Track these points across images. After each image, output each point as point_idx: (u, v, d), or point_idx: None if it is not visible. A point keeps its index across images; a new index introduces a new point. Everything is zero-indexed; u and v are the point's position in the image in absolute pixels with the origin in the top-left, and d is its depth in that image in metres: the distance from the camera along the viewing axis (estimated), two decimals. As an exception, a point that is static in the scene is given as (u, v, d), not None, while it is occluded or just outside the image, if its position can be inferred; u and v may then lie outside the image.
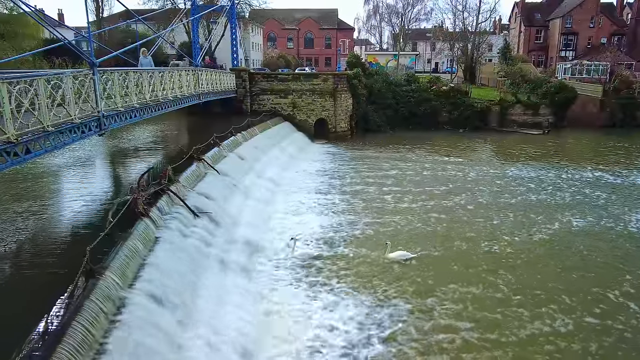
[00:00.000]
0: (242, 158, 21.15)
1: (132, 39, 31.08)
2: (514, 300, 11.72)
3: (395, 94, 40.52)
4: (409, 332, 10.23)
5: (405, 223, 17.09)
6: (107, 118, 13.67)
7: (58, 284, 8.00)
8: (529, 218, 17.92)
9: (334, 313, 10.92)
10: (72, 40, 15.97)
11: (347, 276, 12.84)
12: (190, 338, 8.82)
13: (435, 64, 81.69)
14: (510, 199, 20.53)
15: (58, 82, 11.01)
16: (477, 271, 13.33)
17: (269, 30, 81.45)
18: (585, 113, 42.83)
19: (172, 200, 12.93)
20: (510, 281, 12.71)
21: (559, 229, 16.86)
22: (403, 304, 11.37)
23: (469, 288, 12.22)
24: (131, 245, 9.64)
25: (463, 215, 18.24)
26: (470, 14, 59.55)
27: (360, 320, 10.60)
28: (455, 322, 10.66)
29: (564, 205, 19.78)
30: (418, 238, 15.71)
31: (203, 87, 24.68)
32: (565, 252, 14.89)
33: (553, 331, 10.44)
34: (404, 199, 20.04)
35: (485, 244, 15.35)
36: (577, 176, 24.91)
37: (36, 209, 13.05)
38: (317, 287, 12.21)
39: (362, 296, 11.70)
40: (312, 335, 9.97)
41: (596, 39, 66.71)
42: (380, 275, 12.88)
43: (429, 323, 10.62)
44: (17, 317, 7.41)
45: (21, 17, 32.14)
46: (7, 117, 8.99)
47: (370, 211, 18.39)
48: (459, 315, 10.95)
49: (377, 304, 11.35)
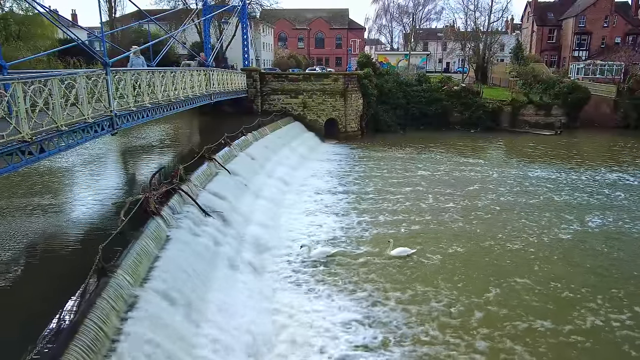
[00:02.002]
0: (252, 158, 21.22)
1: (145, 39, 31.35)
2: (550, 293, 11.97)
3: (406, 93, 40.37)
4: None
5: (424, 224, 17.02)
6: (120, 117, 13.79)
7: (71, 281, 8.08)
8: (559, 217, 17.88)
9: (343, 313, 10.91)
10: (86, 41, 16.11)
11: (358, 275, 12.83)
12: (200, 336, 8.86)
13: (446, 63, 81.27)
14: (531, 199, 20.42)
15: (71, 82, 11.15)
16: (514, 267, 13.56)
17: (280, 30, 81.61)
18: (598, 114, 42.35)
19: (183, 199, 13.02)
20: (545, 277, 12.94)
21: (584, 229, 16.80)
22: (436, 304, 11.45)
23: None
24: (143, 243, 9.71)
25: (489, 215, 18.28)
26: (482, 14, 58.95)
27: (371, 323, 10.56)
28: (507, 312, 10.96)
29: (587, 205, 19.65)
30: (438, 238, 15.74)
31: (214, 87, 24.81)
32: (594, 251, 14.91)
33: (582, 329, 10.49)
34: (421, 200, 19.92)
35: (515, 243, 15.42)
36: (598, 177, 24.70)
37: (49, 206, 13.21)
38: (327, 286, 12.20)
39: (373, 296, 11.68)
40: (322, 335, 9.96)
41: (610, 38, 65.90)
42: (411, 275, 12.96)
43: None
44: (30, 313, 7.51)
45: (36, 18, 32.55)
46: (22, 117, 9.11)
47: (384, 212, 18.26)
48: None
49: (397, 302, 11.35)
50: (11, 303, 8.31)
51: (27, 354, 6.03)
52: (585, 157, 30.61)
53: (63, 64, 29.15)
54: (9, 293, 8.70)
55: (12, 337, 6.85)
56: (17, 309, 7.85)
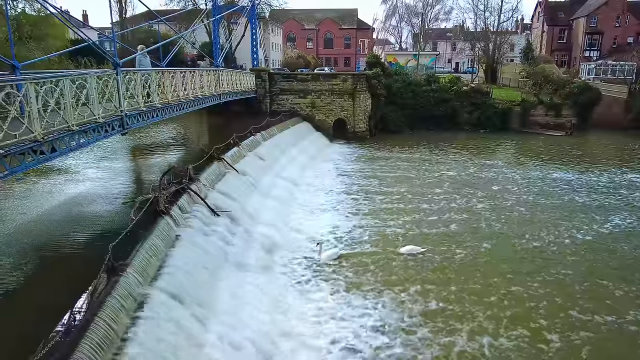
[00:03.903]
0: (261, 158, 21.28)
1: (154, 39, 31.54)
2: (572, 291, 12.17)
3: (415, 94, 40.21)
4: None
5: (440, 224, 17.00)
6: (130, 118, 13.90)
7: (81, 280, 8.17)
8: (591, 219, 17.83)
9: (353, 310, 10.93)
10: (97, 41, 16.26)
11: (367, 274, 12.82)
12: (209, 335, 8.90)
13: (455, 64, 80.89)
14: (554, 199, 20.41)
15: (83, 82, 11.25)
16: (539, 265, 13.72)
17: (289, 30, 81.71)
18: (609, 114, 41.89)
19: (192, 199, 13.09)
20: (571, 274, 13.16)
21: (606, 230, 16.80)
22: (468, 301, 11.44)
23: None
24: (152, 243, 9.78)
25: (515, 213, 18.37)
26: (492, 14, 58.59)
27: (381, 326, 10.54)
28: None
29: (611, 206, 19.56)
30: (479, 237, 15.82)
31: (224, 87, 24.90)
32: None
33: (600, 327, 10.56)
34: (434, 201, 19.79)
35: (542, 242, 15.50)
36: (617, 178, 24.55)
37: (61, 205, 13.35)
38: (337, 285, 12.19)
39: (384, 297, 11.67)
40: (332, 335, 9.98)
41: (622, 38, 65.13)
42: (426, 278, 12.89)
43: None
44: (43, 310, 7.62)
45: (47, 18, 32.85)
46: (35, 117, 9.21)
47: (394, 212, 18.20)
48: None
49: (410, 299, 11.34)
50: (24, 300, 8.44)
51: (39, 351, 6.10)
52: (600, 158, 30.30)
53: (74, 64, 29.43)
54: (22, 290, 8.84)
55: (25, 333, 6.96)
56: (30, 306, 7.97)
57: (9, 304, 8.47)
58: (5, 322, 7.63)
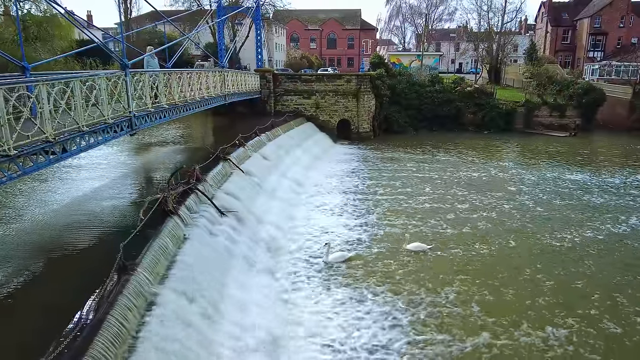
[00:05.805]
0: (266, 158, 21.39)
1: (158, 39, 31.72)
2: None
3: (419, 94, 40.24)
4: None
5: (446, 225, 17.02)
6: (138, 118, 14.03)
7: (93, 278, 8.29)
8: (614, 219, 18.01)
9: (360, 311, 10.99)
10: (103, 42, 16.36)
11: (372, 275, 12.89)
12: (218, 334, 9.01)
13: (459, 64, 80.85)
14: (568, 200, 20.51)
15: (92, 84, 11.37)
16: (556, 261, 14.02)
17: (292, 31, 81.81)
18: (614, 115, 41.88)
19: (199, 199, 13.21)
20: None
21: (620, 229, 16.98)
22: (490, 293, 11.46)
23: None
24: (161, 242, 9.89)
25: (529, 212, 18.58)
26: (496, 14, 58.58)
27: (386, 325, 10.61)
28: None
29: (620, 207, 19.72)
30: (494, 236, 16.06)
31: (229, 88, 25.02)
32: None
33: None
34: (443, 202, 19.83)
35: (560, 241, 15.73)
36: (629, 180, 24.61)
37: (70, 205, 13.48)
38: (343, 285, 12.26)
39: (389, 297, 11.75)
40: (336, 333, 10.06)
41: (626, 39, 65.02)
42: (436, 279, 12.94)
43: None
44: (55, 308, 7.74)
45: (53, 19, 32.97)
46: (46, 117, 9.34)
47: (399, 213, 18.25)
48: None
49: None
50: (36, 298, 8.56)
51: (53, 349, 6.21)
52: (608, 159, 30.33)
53: (79, 65, 29.59)
54: (35, 289, 8.96)
55: (38, 330, 7.08)
56: (43, 304, 8.08)
57: (22, 302, 8.58)
58: (19, 319, 7.77)
